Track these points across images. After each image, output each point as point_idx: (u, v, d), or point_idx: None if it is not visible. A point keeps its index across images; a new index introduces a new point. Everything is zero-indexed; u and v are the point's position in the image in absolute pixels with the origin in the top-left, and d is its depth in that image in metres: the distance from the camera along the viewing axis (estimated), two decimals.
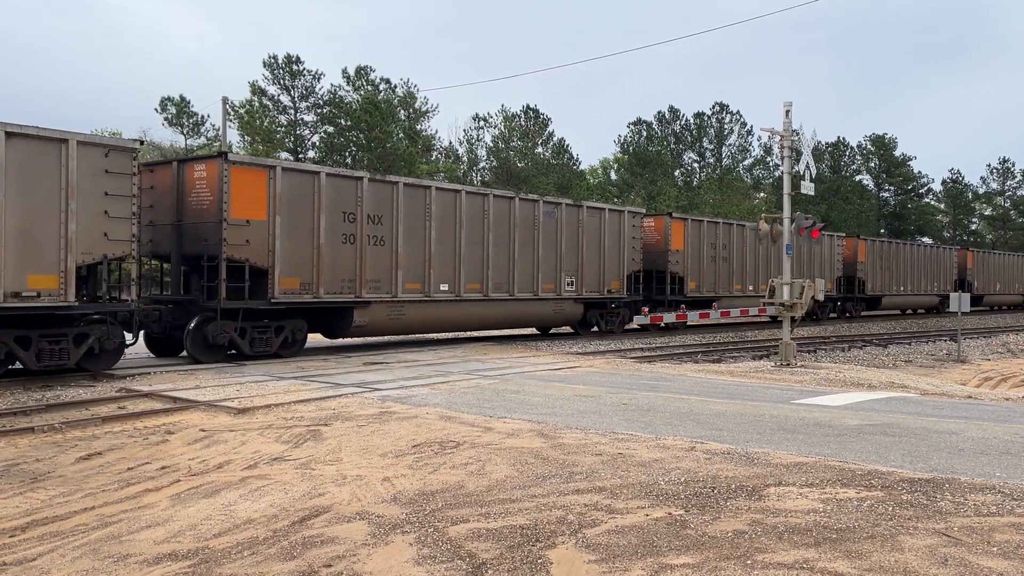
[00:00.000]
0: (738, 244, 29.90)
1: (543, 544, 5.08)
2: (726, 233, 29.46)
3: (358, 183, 17.68)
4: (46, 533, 5.51)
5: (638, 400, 11.22)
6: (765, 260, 30.98)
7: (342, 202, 17.29)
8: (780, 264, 27.48)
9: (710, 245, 28.39)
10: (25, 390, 12.00)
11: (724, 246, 29.03)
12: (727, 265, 29.29)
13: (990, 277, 49.65)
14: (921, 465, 7.22)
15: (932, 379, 17.61)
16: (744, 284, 30.04)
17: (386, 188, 18.38)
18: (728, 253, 29.25)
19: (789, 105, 17.27)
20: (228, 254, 15.27)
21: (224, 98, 36.71)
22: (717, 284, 28.65)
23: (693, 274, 27.62)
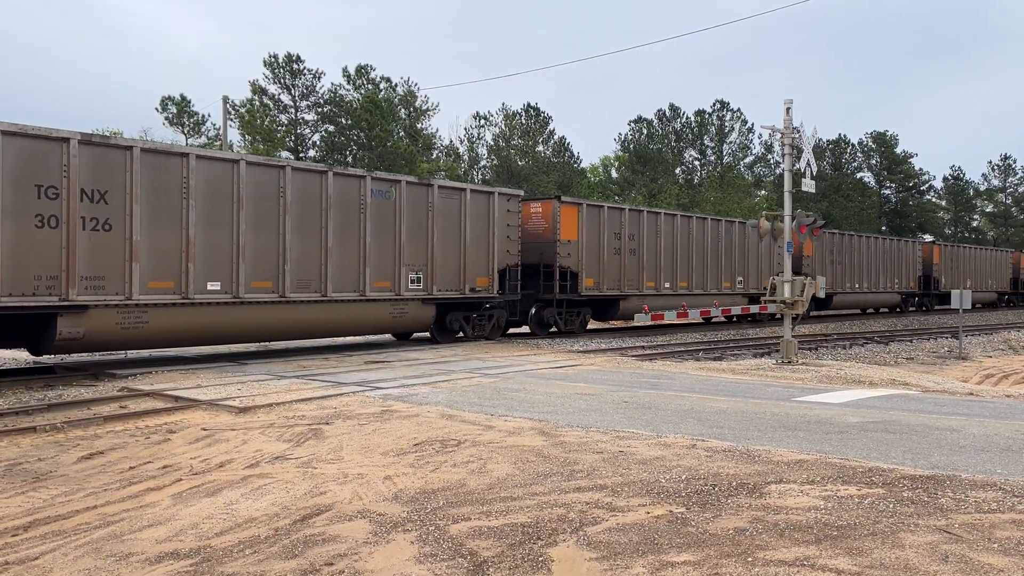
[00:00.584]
0: (650, 235, 25.66)
1: (544, 542, 5.08)
2: (634, 222, 25.21)
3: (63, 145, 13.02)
4: (48, 532, 5.52)
5: (639, 398, 11.22)
6: (688, 254, 27.29)
7: (37, 172, 12.76)
8: (706, 259, 27.79)
9: (613, 235, 24.33)
10: (27, 389, 12.02)
11: (632, 237, 24.91)
12: (635, 259, 25.14)
13: (960, 273, 45.97)
14: (922, 462, 7.23)
15: (933, 376, 17.60)
16: (660, 281, 26.10)
17: (117, 155, 13.77)
18: (637, 245, 25.12)
19: (790, 103, 17.26)
20: None
21: (225, 97, 36.73)
22: (622, 281, 24.60)
23: (591, 269, 23.48)
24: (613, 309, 24.96)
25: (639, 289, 25.22)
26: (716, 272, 28.61)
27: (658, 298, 25.80)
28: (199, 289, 14.75)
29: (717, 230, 28.89)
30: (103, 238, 13.50)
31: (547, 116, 61.47)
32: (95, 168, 13.40)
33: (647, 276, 25.57)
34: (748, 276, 30.21)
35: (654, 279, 25.90)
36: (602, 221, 23.98)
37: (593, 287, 23.64)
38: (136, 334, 14.00)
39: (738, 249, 29.73)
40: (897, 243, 41.59)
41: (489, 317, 20.80)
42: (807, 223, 17.60)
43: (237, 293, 15.31)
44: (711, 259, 28.45)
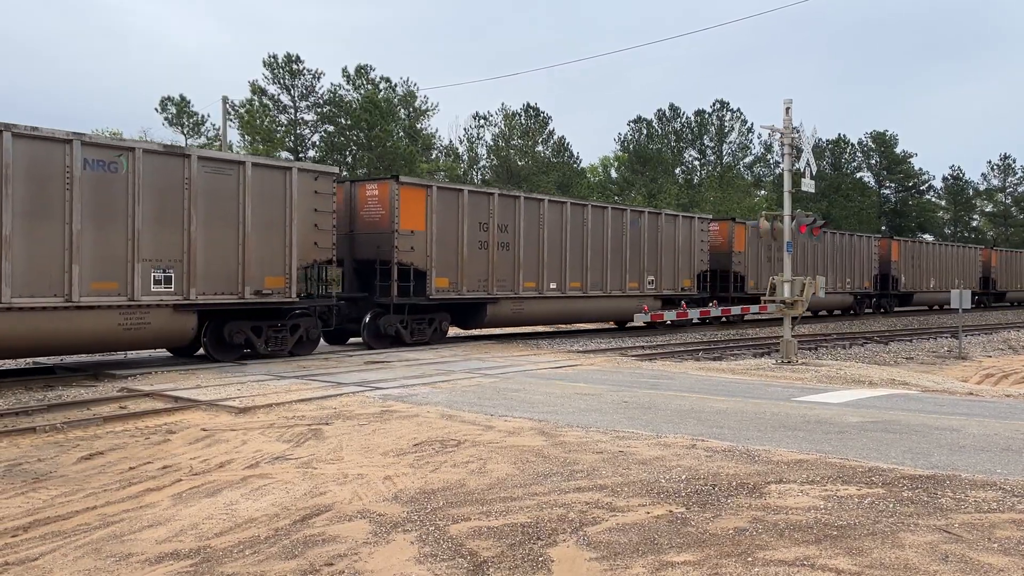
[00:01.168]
0: (530, 226, 21.43)
1: (544, 542, 5.08)
2: (506, 210, 20.86)
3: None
4: (48, 533, 5.52)
5: (639, 398, 11.22)
6: (582, 250, 23.09)
7: None
8: (606, 256, 23.39)
9: (478, 226, 20.14)
10: (27, 390, 12.02)
11: (504, 228, 20.72)
12: (509, 255, 20.91)
13: (922, 272, 41.80)
14: (922, 462, 7.23)
15: (933, 376, 17.61)
16: (543, 282, 21.81)
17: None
18: (511, 238, 20.93)
19: (789, 103, 17.27)
20: None
21: (224, 97, 36.72)
22: (490, 282, 20.42)
23: (444, 267, 19.27)
24: (479, 315, 20.55)
25: (514, 291, 20.96)
26: (619, 271, 24.40)
27: (540, 302, 21.90)
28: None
29: (620, 222, 24.55)
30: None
31: (547, 116, 61.53)
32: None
33: (525, 275, 21.26)
34: (661, 275, 25.92)
35: (535, 279, 21.59)
36: (461, 208, 19.58)
37: (447, 289, 19.29)
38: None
39: (648, 244, 25.37)
40: (850, 238, 37.01)
41: (294, 328, 16.19)
42: (807, 223, 17.61)
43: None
44: (612, 256, 24.12)
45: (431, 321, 19.53)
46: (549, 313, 22.81)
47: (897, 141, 79.12)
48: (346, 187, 19.16)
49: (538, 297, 21.83)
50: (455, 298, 19.69)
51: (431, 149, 58.15)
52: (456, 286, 19.59)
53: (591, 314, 24.48)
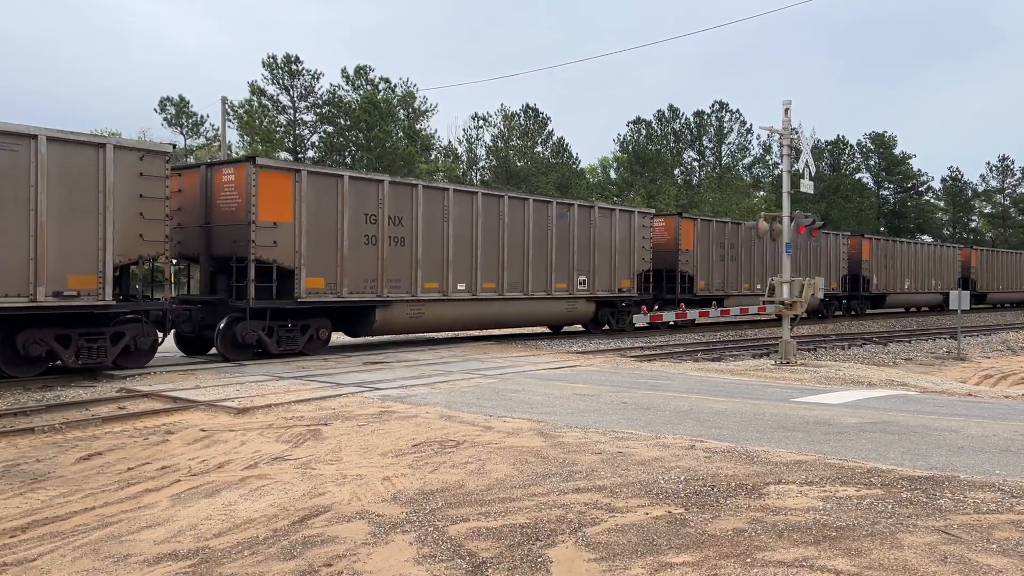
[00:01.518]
0: (430, 219, 18.82)
1: (543, 543, 5.08)
2: (401, 200, 18.14)
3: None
4: (46, 533, 5.51)
5: (638, 398, 11.22)
6: (498, 246, 20.56)
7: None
8: (527, 253, 20.68)
9: (364, 218, 17.33)
10: (25, 390, 12.01)
11: (397, 220, 17.92)
12: (405, 251, 18.25)
13: (896, 272, 39.31)
14: (921, 463, 7.23)
15: (932, 377, 17.62)
16: (448, 282, 19.26)
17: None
18: (408, 232, 18.29)
19: (788, 104, 17.28)
20: None
21: (223, 98, 36.72)
22: (380, 282, 17.67)
23: (317, 265, 16.52)
24: (366, 320, 17.93)
25: (411, 292, 18.38)
26: (544, 270, 21.80)
27: (445, 305, 19.34)
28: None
29: (545, 215, 21.93)
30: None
31: (546, 117, 61.60)
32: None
33: (426, 275, 18.72)
34: (595, 275, 23.35)
35: (438, 279, 19.06)
36: (340, 196, 16.87)
37: (323, 290, 16.64)
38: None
39: (579, 241, 22.87)
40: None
41: (116, 336, 13.63)
42: (805, 224, 17.63)
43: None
44: (535, 253, 21.56)
45: (305, 328, 16.65)
46: (457, 318, 20.05)
47: (896, 142, 79.30)
48: (202, 171, 16.51)
49: (442, 300, 19.20)
50: (333, 301, 16.84)
51: (430, 150, 58.17)
52: (335, 287, 16.85)
53: (511, 319, 21.60)
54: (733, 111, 68.84)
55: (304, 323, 16.71)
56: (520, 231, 21.20)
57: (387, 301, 17.91)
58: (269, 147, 48.95)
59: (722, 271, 28.78)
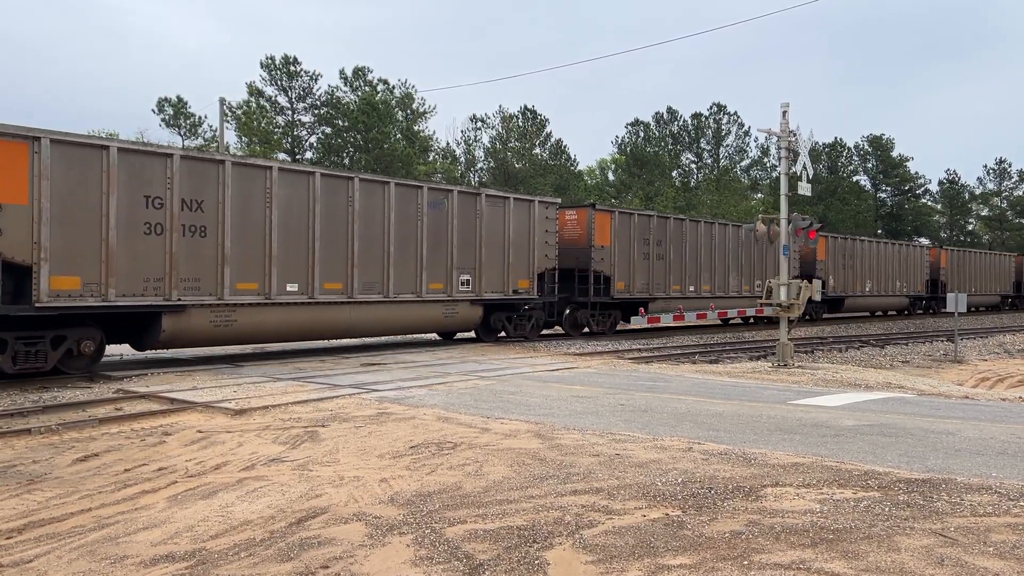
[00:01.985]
0: (240, 202, 15.19)
1: (540, 545, 5.08)
2: (204, 182, 14.68)
3: None
4: (43, 535, 5.50)
5: (636, 400, 11.23)
6: (348, 235, 17.16)
7: None
8: (398, 246, 17.65)
9: (142, 202, 13.82)
10: (22, 391, 11.98)
11: (196, 204, 14.50)
12: (208, 243, 14.72)
13: (856, 274, 36.30)
14: (918, 465, 7.24)
15: (929, 379, 17.64)
16: (272, 283, 15.66)
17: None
18: (211, 220, 14.75)
19: (786, 106, 17.30)
20: None
21: (221, 99, 36.71)
22: (168, 282, 14.14)
23: (71, 261, 12.99)
24: (151, 330, 14.34)
25: (217, 294, 14.86)
26: (411, 268, 18.60)
27: (268, 311, 15.80)
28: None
29: (414, 203, 18.55)
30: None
31: (544, 118, 61.63)
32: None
33: (238, 273, 15.23)
34: (481, 274, 20.13)
35: (258, 278, 15.58)
36: (106, 173, 13.29)
37: (77, 292, 13.05)
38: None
39: (459, 234, 19.58)
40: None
41: None
42: (803, 226, 17.63)
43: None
44: (399, 248, 18.20)
45: (58, 341, 13.10)
46: (287, 326, 16.20)
47: (893, 145, 79.46)
48: None
49: (264, 304, 15.63)
50: (94, 306, 13.29)
51: (428, 151, 58.18)
52: (98, 288, 13.29)
53: (366, 326, 17.81)
54: (731, 113, 69.02)
55: (57, 334, 13.12)
56: (379, 221, 17.73)
57: (180, 306, 14.32)
58: (267, 148, 48.92)
59: (646, 271, 25.65)
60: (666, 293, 26.37)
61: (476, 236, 19.98)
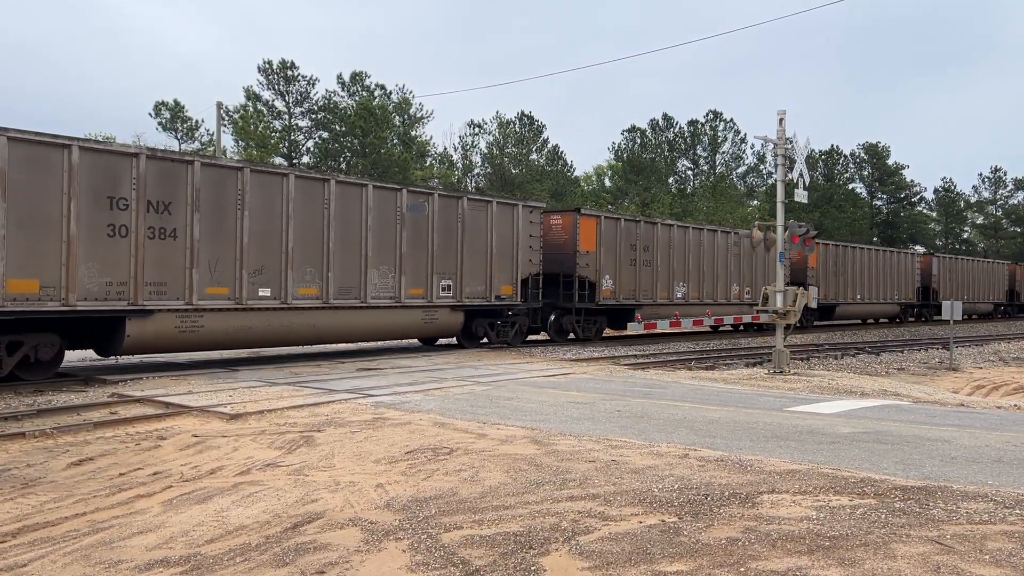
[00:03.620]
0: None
1: (537, 551, 5.07)
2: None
3: None
4: (37, 539, 5.48)
5: (632, 406, 11.22)
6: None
7: None
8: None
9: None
10: (16, 395, 11.94)
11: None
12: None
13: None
14: (914, 473, 7.24)
15: (925, 387, 17.66)
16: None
17: None
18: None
19: (783, 113, 17.35)
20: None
21: (219, 103, 36.71)
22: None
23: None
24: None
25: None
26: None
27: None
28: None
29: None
30: None
31: (541, 124, 61.74)
32: None
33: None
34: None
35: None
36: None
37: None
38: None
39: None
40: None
41: None
42: (800, 233, 17.67)
43: None
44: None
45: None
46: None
47: (889, 152, 79.78)
48: None
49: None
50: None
51: (425, 156, 58.23)
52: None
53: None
54: (727, 120, 69.17)
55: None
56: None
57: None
58: (264, 152, 48.92)
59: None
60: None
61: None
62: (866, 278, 37.57)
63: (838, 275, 35.37)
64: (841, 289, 35.70)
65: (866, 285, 37.56)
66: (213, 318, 14.89)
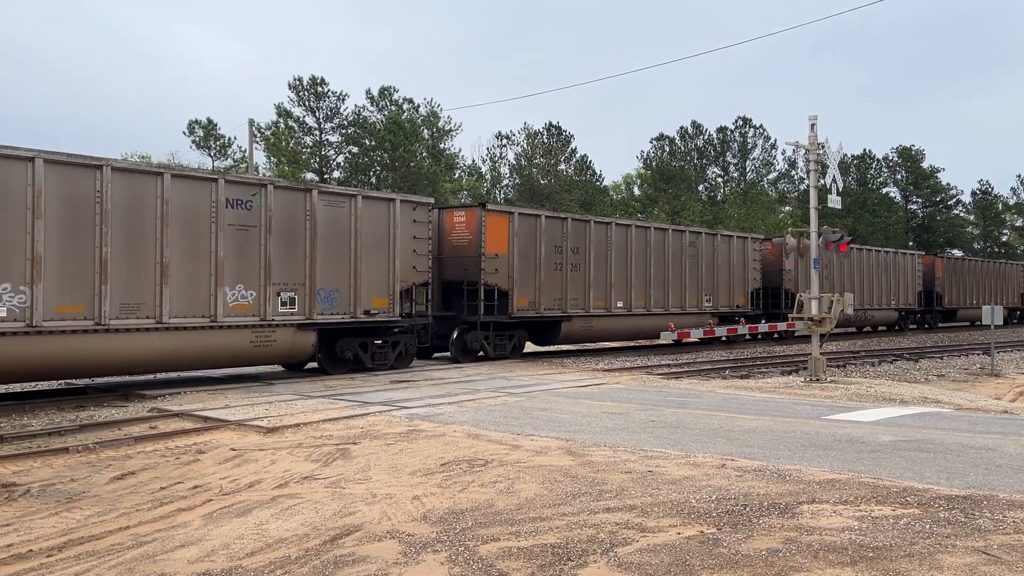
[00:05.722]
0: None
1: (575, 563, 5.05)
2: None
3: None
4: (82, 552, 5.57)
5: (666, 417, 11.14)
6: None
7: None
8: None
9: None
10: (59, 410, 12.18)
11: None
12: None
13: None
14: (958, 481, 7.10)
15: (966, 393, 17.31)
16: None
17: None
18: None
19: (814, 119, 17.18)
20: None
21: (250, 120, 37.24)
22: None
23: None
24: None
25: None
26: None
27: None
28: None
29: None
30: None
31: (569, 134, 61.70)
32: None
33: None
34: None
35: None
36: None
37: None
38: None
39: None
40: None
41: None
42: (833, 239, 17.46)
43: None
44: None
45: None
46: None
47: (924, 156, 78.41)
48: None
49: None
50: None
51: (454, 169, 58.52)
52: None
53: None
54: (757, 126, 68.54)
55: None
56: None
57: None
58: (296, 168, 49.52)
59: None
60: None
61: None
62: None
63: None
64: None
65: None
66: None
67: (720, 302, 26.60)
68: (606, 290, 22.95)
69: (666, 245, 24.68)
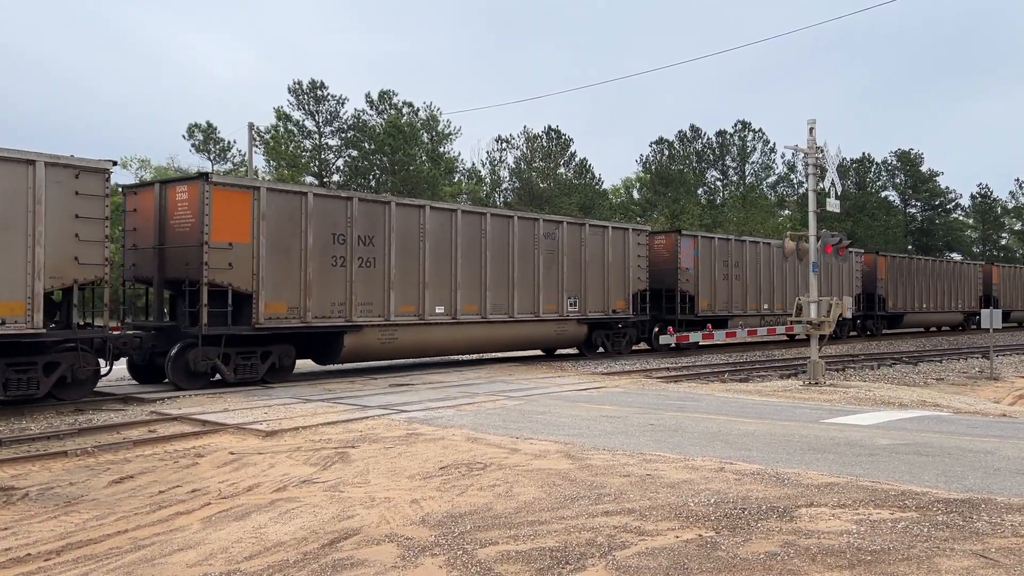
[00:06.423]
0: None
1: (573, 566, 5.05)
2: None
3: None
4: (81, 556, 5.57)
5: (665, 420, 11.15)
6: None
7: None
8: None
9: None
10: (58, 414, 12.18)
11: None
12: None
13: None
14: (956, 485, 7.11)
15: (965, 397, 17.32)
16: None
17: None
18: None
19: (813, 122, 17.22)
20: None
21: (250, 124, 37.25)
22: None
23: None
24: None
25: None
26: None
27: None
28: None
29: None
30: None
31: (568, 138, 61.78)
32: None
33: None
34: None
35: None
36: None
37: None
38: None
39: None
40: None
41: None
42: (832, 242, 17.48)
43: None
44: None
45: None
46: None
47: (922, 159, 78.61)
48: None
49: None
50: None
51: (454, 172, 58.57)
52: None
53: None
54: (756, 130, 68.67)
55: None
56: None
57: None
58: (295, 171, 49.57)
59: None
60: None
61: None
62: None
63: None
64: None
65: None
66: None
67: (590, 307, 22.68)
68: (418, 292, 18.46)
69: (510, 236, 20.58)
